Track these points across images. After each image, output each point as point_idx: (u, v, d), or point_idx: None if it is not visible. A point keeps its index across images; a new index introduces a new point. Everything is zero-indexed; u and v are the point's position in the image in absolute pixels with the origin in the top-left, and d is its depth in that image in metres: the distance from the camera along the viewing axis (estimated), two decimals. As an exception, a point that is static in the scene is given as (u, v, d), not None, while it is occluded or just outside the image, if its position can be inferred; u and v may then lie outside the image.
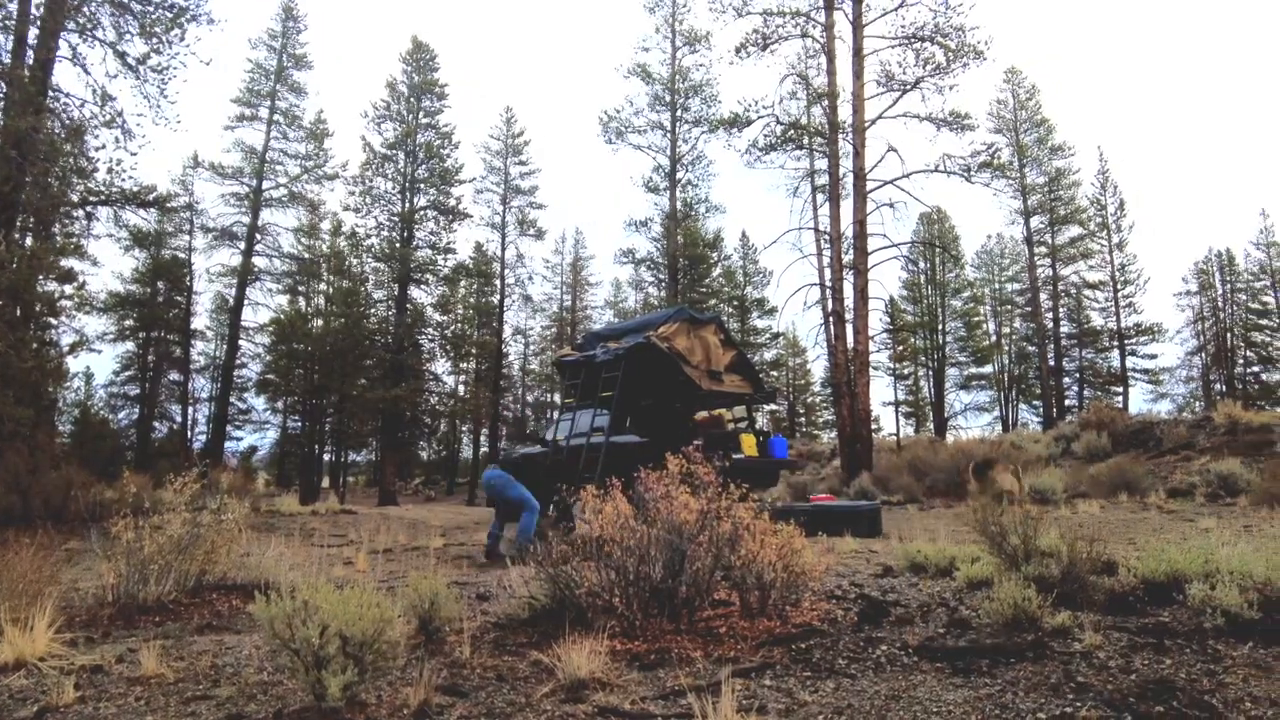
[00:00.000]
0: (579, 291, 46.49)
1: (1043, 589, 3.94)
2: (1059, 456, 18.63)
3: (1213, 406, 23.76)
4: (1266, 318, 38.71)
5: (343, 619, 2.98)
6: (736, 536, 4.21)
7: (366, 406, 29.73)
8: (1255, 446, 15.36)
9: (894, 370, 42.10)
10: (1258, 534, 7.26)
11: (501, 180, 36.10)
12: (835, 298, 19.60)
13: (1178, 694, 2.75)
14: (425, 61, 32.29)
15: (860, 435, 18.69)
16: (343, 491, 33.11)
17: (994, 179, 20.49)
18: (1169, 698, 2.72)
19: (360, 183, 30.62)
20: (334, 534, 10.74)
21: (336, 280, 34.37)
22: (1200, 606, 3.68)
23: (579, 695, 3.02)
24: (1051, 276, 37.22)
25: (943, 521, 10.58)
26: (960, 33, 18.74)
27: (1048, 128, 36.65)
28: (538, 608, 4.26)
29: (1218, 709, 2.62)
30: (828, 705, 2.83)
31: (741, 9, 20.45)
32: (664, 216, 32.00)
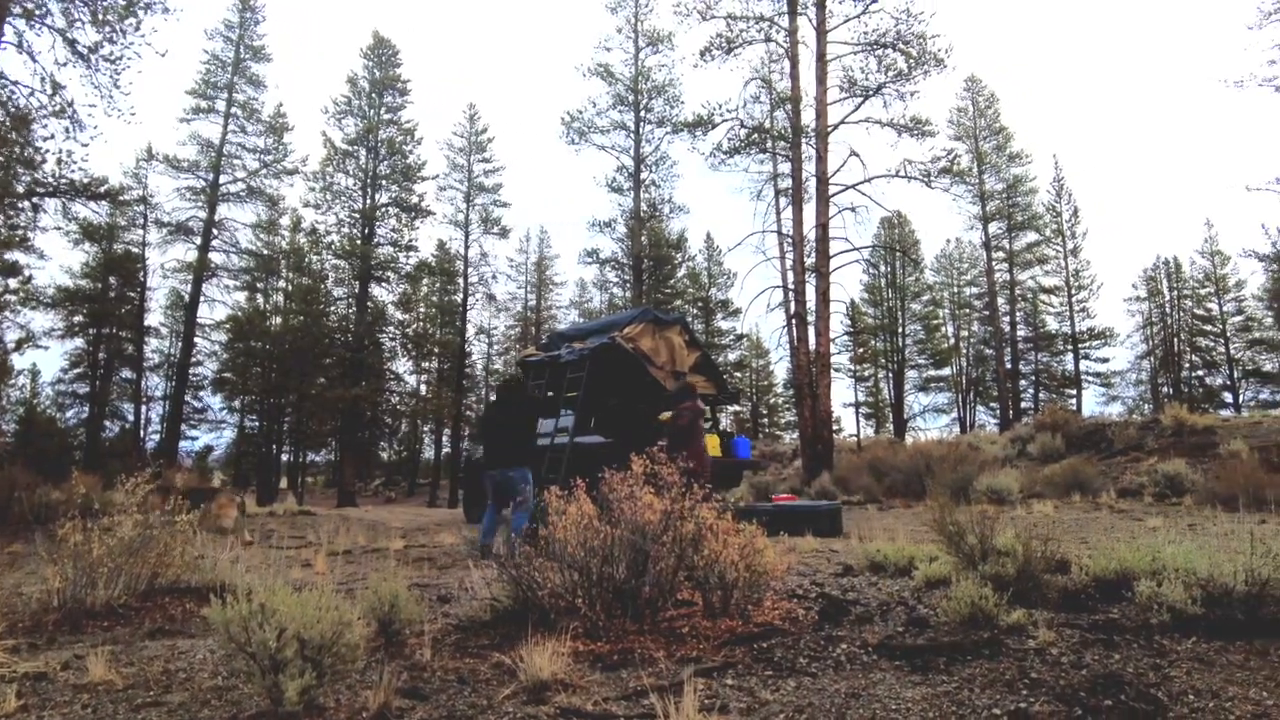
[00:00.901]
0: (544, 291, 46.32)
1: (999, 587, 4.02)
2: (1015, 458, 19.02)
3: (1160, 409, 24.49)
4: (1210, 324, 40.01)
5: (301, 622, 2.93)
6: (700, 537, 4.23)
7: (326, 406, 29.29)
8: (1199, 448, 15.85)
9: (855, 372, 42.71)
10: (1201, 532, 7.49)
11: (465, 178, 35.81)
12: (798, 300, 19.80)
13: (1125, 688, 2.83)
14: (387, 57, 31.92)
15: (822, 436, 18.90)
16: (301, 492, 32.60)
17: (954, 185, 20.89)
18: (1117, 691, 2.79)
19: (321, 178, 30.18)
20: (292, 535, 10.55)
21: (296, 277, 33.82)
22: (1147, 603, 3.78)
23: (541, 697, 3.00)
24: (1009, 281, 38.04)
25: (901, 521, 10.74)
26: (921, 40, 19.06)
27: (1006, 135, 37.46)
28: (500, 609, 4.23)
29: (1162, 701, 2.70)
30: (789, 704, 2.85)
31: (706, 13, 20.56)
32: (628, 217, 32.02)
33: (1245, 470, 11.74)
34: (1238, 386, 38.61)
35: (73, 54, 14.45)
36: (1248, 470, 11.72)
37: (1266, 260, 30.05)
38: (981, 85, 37.72)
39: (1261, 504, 9.32)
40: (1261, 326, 38.09)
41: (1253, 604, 3.56)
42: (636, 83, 30.81)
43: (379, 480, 42.81)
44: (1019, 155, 37.34)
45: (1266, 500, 9.35)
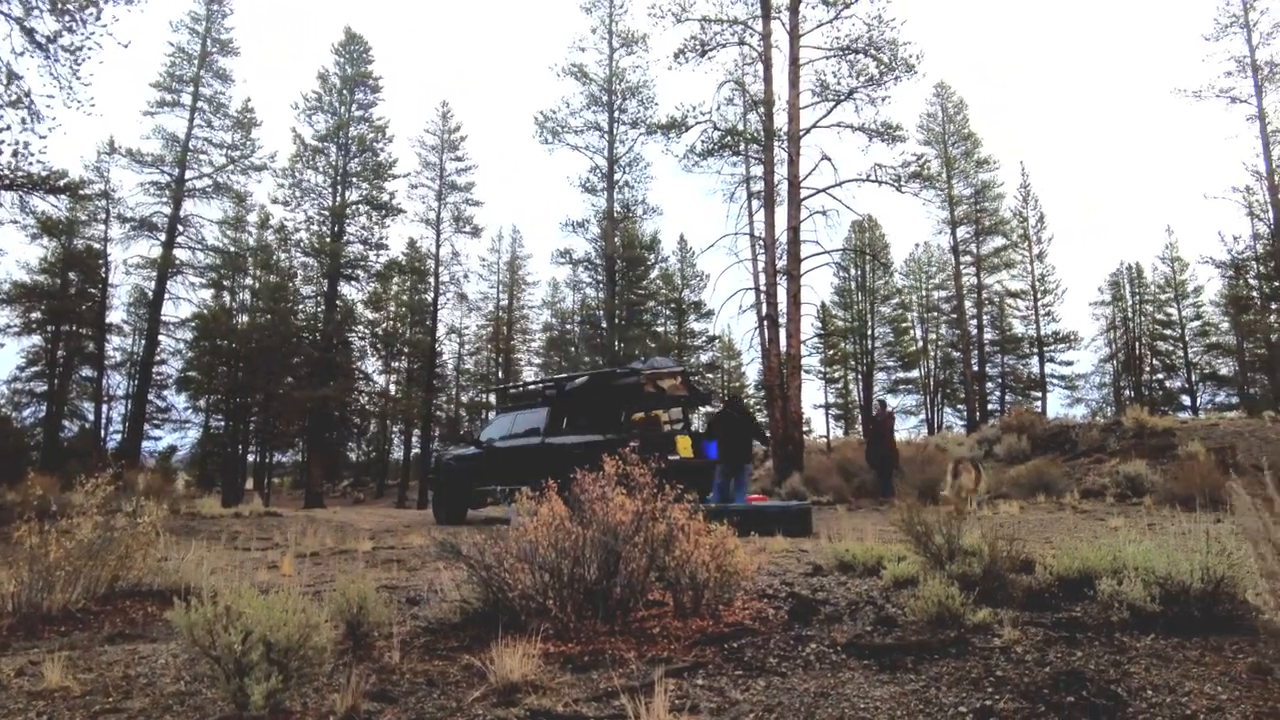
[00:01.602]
0: (516, 291, 46.07)
1: (965, 587, 4.08)
2: (982, 458, 19.30)
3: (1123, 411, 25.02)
4: (1170, 328, 40.95)
5: (267, 624, 2.89)
6: (671, 537, 4.24)
7: (293, 406, 28.90)
8: (1159, 449, 16.23)
9: (825, 374, 43.09)
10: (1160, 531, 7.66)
11: (437, 176, 35.52)
12: (769, 302, 19.92)
13: (1087, 684, 2.89)
14: (359, 53, 31.59)
15: (792, 437, 19.04)
16: (268, 493, 32.10)
17: (923, 189, 21.14)
18: (1079, 688, 2.85)
19: (289, 175, 29.78)
20: (258, 537, 10.39)
21: (264, 275, 33.32)
22: (1109, 601, 3.86)
23: (511, 698, 2.99)
24: (976, 285, 38.61)
25: (870, 521, 10.85)
26: (893, 46, 19.28)
27: (974, 141, 38.03)
28: (470, 611, 4.21)
29: (1122, 697, 2.76)
30: (759, 703, 2.87)
31: (680, 15, 20.61)
32: (601, 217, 32.00)
33: (1202, 471, 12.04)
34: (1195, 390, 39.58)
35: (30, 43, 14.10)
36: (1204, 471, 12.02)
37: (1223, 267, 30.82)
38: (951, 91, 38.28)
39: (1217, 504, 9.54)
40: (1218, 331, 39.07)
41: (1208, 601, 3.65)
42: (610, 83, 30.80)
43: (347, 481, 42.29)
44: (987, 161, 37.94)
45: (1222, 500, 9.56)
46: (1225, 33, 27.70)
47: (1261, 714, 2.56)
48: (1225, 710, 2.62)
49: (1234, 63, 27.41)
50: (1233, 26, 27.60)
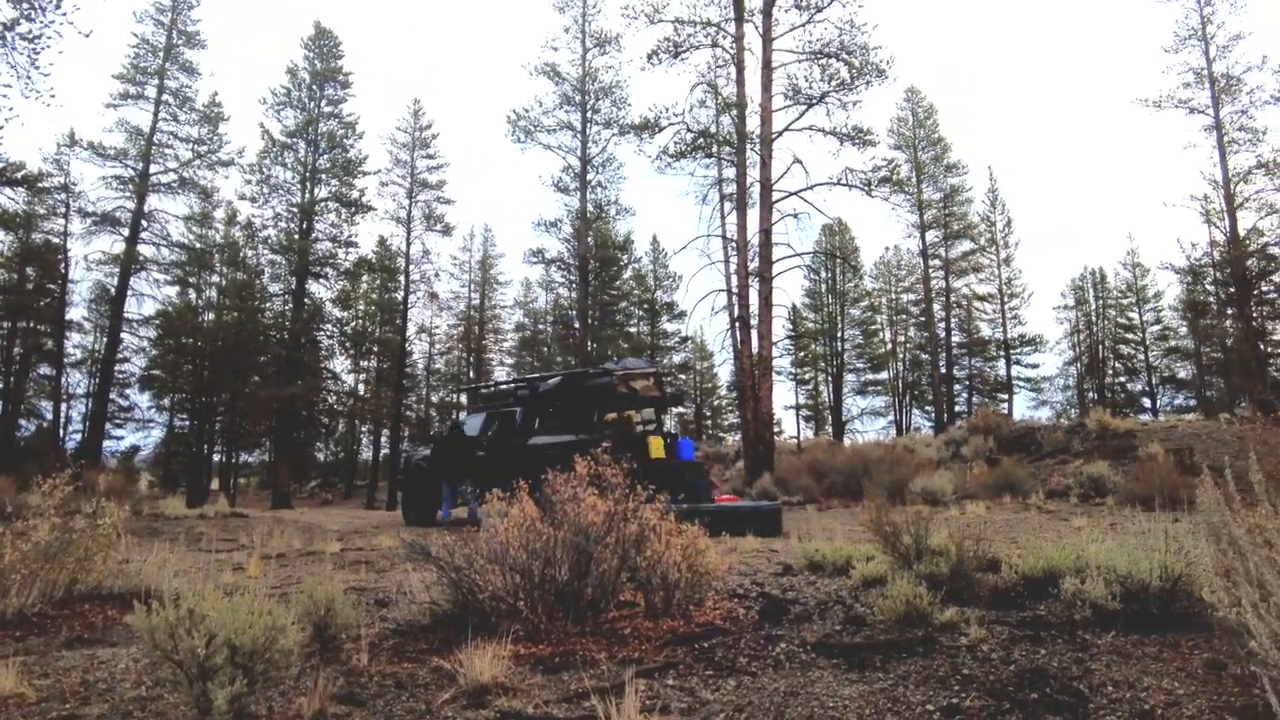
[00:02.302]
0: (488, 290, 45.78)
1: (933, 586, 4.13)
2: (949, 459, 19.57)
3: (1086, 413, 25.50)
4: (1132, 332, 41.83)
5: (232, 627, 2.84)
6: (643, 538, 4.24)
7: (260, 405, 28.45)
8: (1121, 451, 16.57)
9: (796, 375, 43.40)
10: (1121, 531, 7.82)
11: (408, 173, 35.17)
12: (741, 304, 20.02)
13: (1050, 681, 2.94)
14: (329, 48, 31.19)
15: (763, 438, 19.15)
16: (234, 494, 31.55)
17: (893, 194, 21.38)
18: (1043, 685, 2.90)
19: (258, 171, 29.29)
20: (224, 538, 10.22)
21: (230, 272, 32.75)
22: (1072, 600, 3.94)
23: (481, 700, 2.97)
24: (944, 288, 39.11)
25: (840, 521, 10.95)
26: (864, 51, 19.48)
27: (944, 146, 38.50)
28: (439, 613, 4.17)
29: (1084, 693, 2.82)
30: (729, 703, 2.88)
31: (654, 16, 20.66)
32: (574, 217, 31.94)
33: (1161, 472, 12.33)
34: (1155, 392, 40.47)
35: (-12, 32, 13.74)
36: (1163, 472, 12.31)
37: (1181, 273, 31.54)
38: (921, 97, 38.73)
39: (1175, 503, 9.77)
40: (1177, 335, 39.98)
41: (1166, 599, 3.74)
42: (584, 83, 30.75)
43: (315, 482, 41.71)
44: (956, 166, 38.45)
45: (1180, 500, 9.80)
46: (1184, 45, 28.39)
47: (1216, 708, 2.62)
48: (1182, 705, 2.68)
49: (1192, 74, 28.11)
50: (1191, 39, 28.30)
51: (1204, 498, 2.79)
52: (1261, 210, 27.37)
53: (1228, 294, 29.65)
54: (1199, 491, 2.84)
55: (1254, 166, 26.88)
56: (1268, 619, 2.30)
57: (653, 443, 12.29)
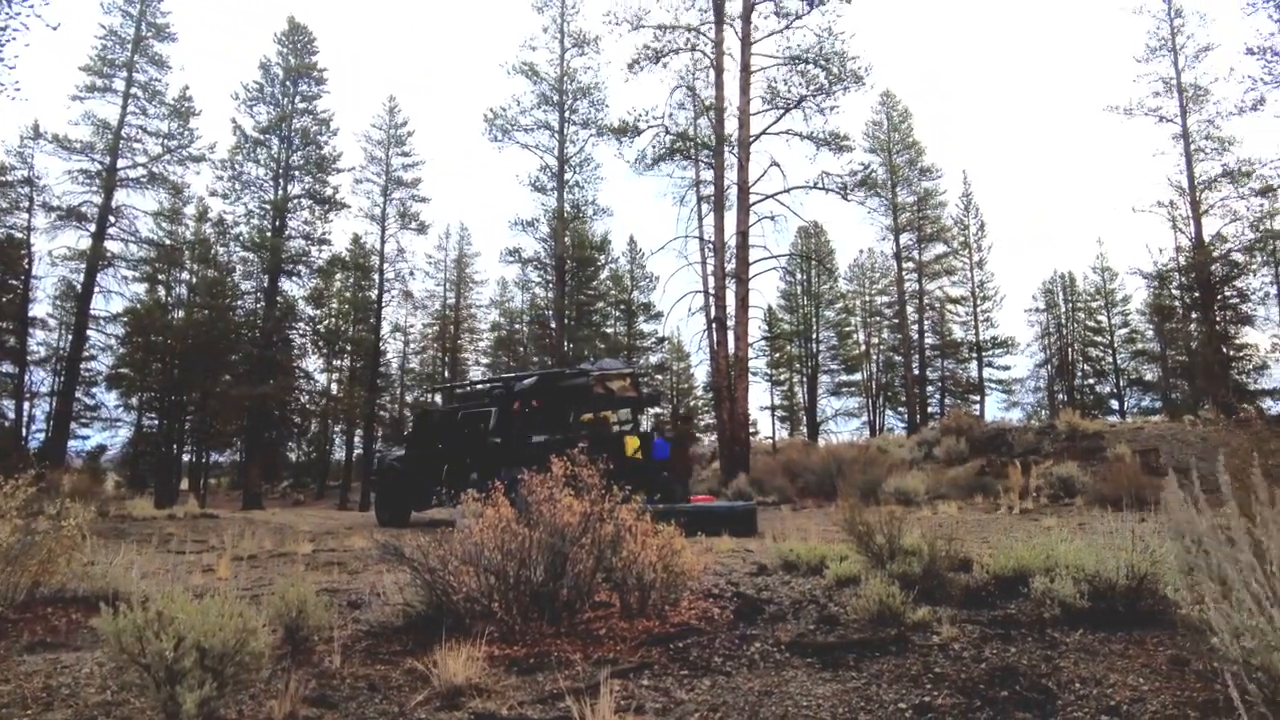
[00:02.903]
0: (463, 289, 45.49)
1: (905, 586, 4.18)
2: (921, 460, 19.77)
3: (1056, 415, 25.91)
4: (1100, 335, 42.56)
5: (201, 630, 2.80)
6: (619, 538, 4.24)
7: (231, 404, 28.03)
8: (1090, 451, 16.85)
9: (771, 376, 43.65)
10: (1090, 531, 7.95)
11: (382, 171, 34.83)
12: (718, 305, 20.09)
13: (1020, 678, 2.99)
14: (303, 44, 30.82)
15: (739, 438, 19.23)
16: (204, 494, 31.02)
17: (868, 197, 21.59)
18: (1013, 682, 2.95)
19: (229, 167, 28.84)
20: (193, 539, 10.06)
21: (201, 269, 32.23)
22: (1041, 598, 4.00)
23: (455, 702, 2.96)
24: (917, 291, 39.50)
25: (814, 521, 11.02)
26: (841, 58, 19.62)
27: (918, 150, 38.87)
28: (413, 614, 4.14)
29: (1052, 690, 2.87)
30: (704, 703, 2.89)
31: (636, 23, 20.67)
32: (551, 217, 31.82)
33: (1128, 472, 12.54)
34: (1123, 394, 41.20)
35: (-50, 23, 13.41)
36: (1130, 472, 12.53)
37: (1149, 278, 32.15)
38: (896, 101, 39.06)
39: (1142, 504, 9.95)
40: (1144, 339, 40.70)
41: (1132, 597, 3.81)
42: (562, 83, 30.66)
43: (287, 482, 41.19)
44: (930, 170, 38.84)
45: (1146, 500, 9.99)
46: (1154, 55, 28.94)
47: (1180, 703, 2.68)
48: (1146, 700, 2.73)
49: (1161, 84, 28.66)
50: (1161, 50, 28.86)
51: (1169, 498, 2.85)
52: (1226, 217, 28.02)
53: (1193, 298, 30.26)
54: (1164, 492, 2.90)
55: (1219, 174, 27.47)
56: (1230, 615, 2.35)
57: (629, 443, 12.30)
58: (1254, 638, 2.24)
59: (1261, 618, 2.24)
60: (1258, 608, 2.27)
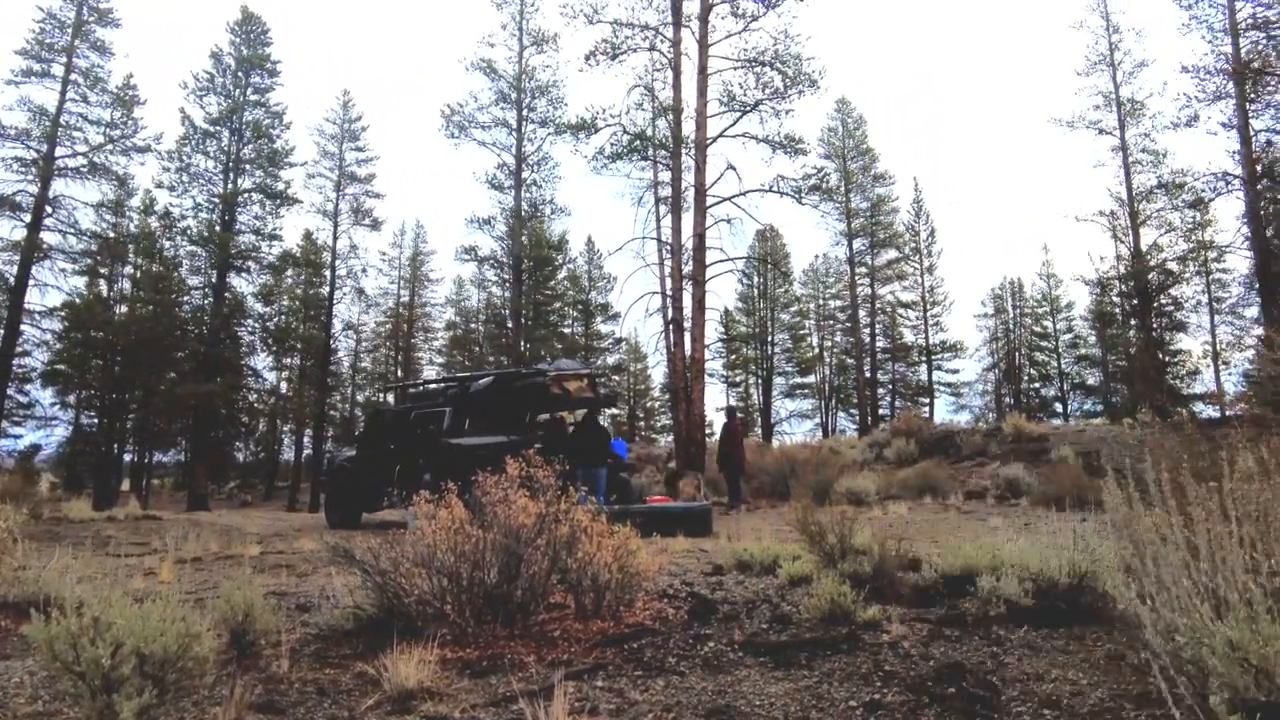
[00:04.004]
0: (418, 287, 44.90)
1: (856, 585, 4.24)
2: (872, 461, 20.10)
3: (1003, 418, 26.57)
4: (1046, 340, 43.79)
5: (141, 635, 2.71)
6: (574, 539, 4.23)
7: (176, 403, 27.24)
8: (1035, 453, 17.34)
9: (727, 378, 43.99)
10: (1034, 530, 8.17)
11: (336, 166, 34.22)
12: (675, 306, 20.17)
13: (967, 675, 3.06)
14: (256, 34, 30.13)
15: (695, 439, 19.33)
16: (146, 496, 30.03)
17: (822, 202, 21.88)
18: (960, 679, 3.02)
19: (177, 158, 28.06)
20: (134, 542, 9.75)
21: (146, 263, 31.28)
22: (988, 597, 4.10)
23: (406, 706, 2.92)
24: (870, 295, 40.19)
25: (768, 521, 11.13)
26: (797, 61, 19.86)
27: (872, 157, 39.55)
28: (364, 617, 4.08)
29: (998, 686, 2.94)
30: (657, 703, 2.90)
31: (593, 17, 20.64)
32: (508, 215, 31.61)
33: (1071, 474, 12.93)
34: (1067, 398, 42.45)
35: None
36: (1073, 474, 12.92)
37: (1091, 285, 33.25)
38: (851, 108, 39.67)
39: (1084, 504, 10.25)
40: (1087, 344, 41.99)
41: (1074, 595, 3.93)
42: (520, 81, 30.48)
43: (234, 483, 40.14)
44: (883, 176, 39.54)
45: (1088, 500, 10.31)
46: (1094, 70, 29.93)
47: (1115, 696, 2.77)
48: (1085, 694, 2.82)
49: (1101, 97, 29.66)
50: (1100, 65, 29.86)
51: (1107, 499, 2.95)
52: (1161, 228, 29.15)
53: (1131, 306, 31.35)
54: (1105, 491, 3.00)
55: (1155, 186, 28.52)
56: (1161, 611, 2.44)
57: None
58: (1184, 633, 2.33)
59: (1194, 614, 2.33)
60: (1189, 604, 2.36)
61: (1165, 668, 2.25)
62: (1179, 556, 2.42)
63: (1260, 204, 23.01)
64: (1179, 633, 2.35)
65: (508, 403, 12.58)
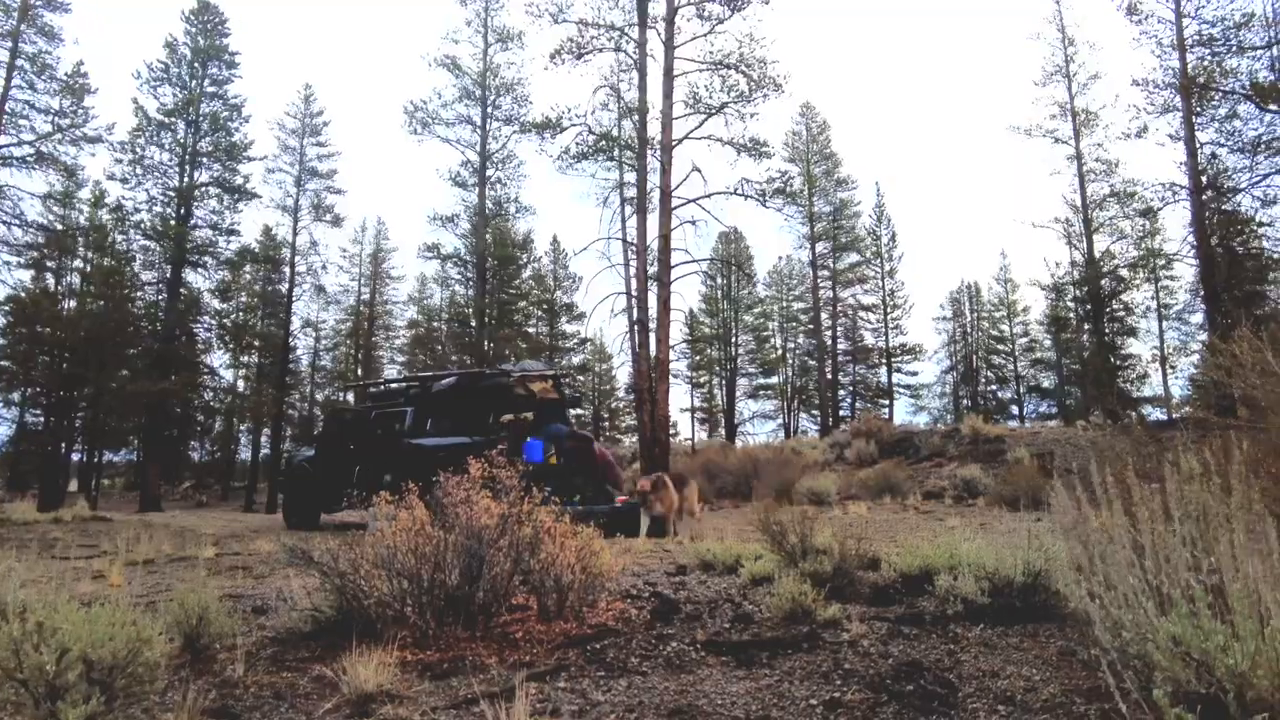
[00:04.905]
0: (379, 285, 44.34)
1: (817, 584, 4.29)
2: (833, 461, 20.36)
3: (961, 420, 27.13)
4: (1003, 343, 44.76)
5: (88, 640, 2.64)
6: (537, 540, 4.21)
7: (128, 401, 26.56)
8: (992, 454, 17.70)
9: (692, 379, 44.21)
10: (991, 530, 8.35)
11: (296, 161, 33.66)
12: (640, 307, 20.19)
13: (925, 673, 3.11)
14: (214, 24, 29.48)
15: (659, 439, 19.36)
16: (95, 496, 29.22)
17: (786, 205, 22.08)
18: (918, 677, 3.07)
19: (130, 150, 27.33)
20: (82, 544, 9.48)
21: (97, 257, 30.42)
22: (945, 595, 4.18)
23: (366, 709, 2.89)
24: (832, 298, 40.70)
25: (731, 521, 11.21)
26: (762, 65, 20.01)
27: (835, 161, 40.04)
28: (322, 620, 4.02)
29: (954, 684, 3.00)
30: (619, 704, 2.91)
31: (558, 16, 20.58)
32: (472, 213, 31.38)
33: (1027, 474, 13.22)
34: (1022, 400, 43.42)
35: None
36: (1029, 474, 13.21)
37: (1046, 289, 34.10)
38: (815, 112, 40.13)
39: (1038, 504, 10.53)
40: (1042, 348, 43.02)
41: (1029, 592, 4.02)
42: (485, 78, 30.27)
43: (189, 483, 39.22)
44: (845, 181, 40.06)
45: (1042, 500, 10.58)
46: (1051, 80, 30.70)
47: (1067, 691, 2.85)
48: (1039, 689, 2.89)
49: (1057, 107, 30.43)
50: (1056, 75, 30.63)
51: (1056, 501, 3.02)
52: (1114, 235, 30.02)
53: (1085, 311, 32.17)
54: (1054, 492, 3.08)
55: (1108, 194, 29.39)
56: (1108, 607, 2.51)
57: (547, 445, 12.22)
58: (1130, 629, 2.40)
59: (1139, 610, 2.41)
60: (1135, 601, 2.43)
61: (1113, 663, 2.32)
62: (1125, 556, 2.50)
63: (1205, 214, 23.77)
64: (1125, 628, 2.42)
65: (471, 403, 12.47)
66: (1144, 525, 2.49)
